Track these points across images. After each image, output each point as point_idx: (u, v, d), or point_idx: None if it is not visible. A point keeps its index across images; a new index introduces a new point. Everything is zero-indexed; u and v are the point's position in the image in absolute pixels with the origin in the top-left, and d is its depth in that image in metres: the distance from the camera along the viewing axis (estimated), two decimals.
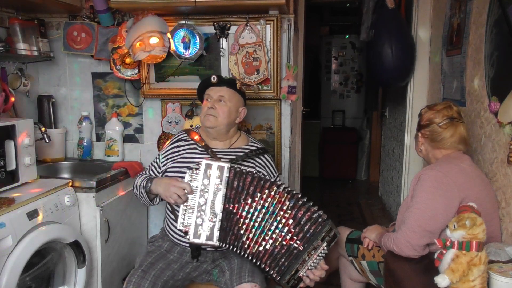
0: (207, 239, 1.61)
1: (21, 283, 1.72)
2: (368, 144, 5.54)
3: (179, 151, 1.85)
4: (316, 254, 1.61)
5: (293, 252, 1.60)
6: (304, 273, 1.62)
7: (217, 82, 1.82)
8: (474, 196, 1.58)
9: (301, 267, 1.61)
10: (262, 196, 1.60)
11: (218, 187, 1.62)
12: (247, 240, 1.61)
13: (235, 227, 1.61)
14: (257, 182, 1.61)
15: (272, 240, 1.60)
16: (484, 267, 1.31)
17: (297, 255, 1.59)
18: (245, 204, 1.61)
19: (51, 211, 1.82)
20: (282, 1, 1.97)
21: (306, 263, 1.61)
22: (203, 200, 1.62)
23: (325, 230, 1.60)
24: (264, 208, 1.60)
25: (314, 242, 1.59)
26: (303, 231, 1.59)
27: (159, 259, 1.75)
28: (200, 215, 1.62)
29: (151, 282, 1.63)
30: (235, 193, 1.62)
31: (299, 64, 2.91)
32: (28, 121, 1.93)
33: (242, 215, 1.61)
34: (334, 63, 6.33)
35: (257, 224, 1.60)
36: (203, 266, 1.79)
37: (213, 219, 1.61)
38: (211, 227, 1.61)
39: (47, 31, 2.42)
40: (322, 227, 1.59)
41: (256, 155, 1.85)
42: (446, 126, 1.71)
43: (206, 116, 1.80)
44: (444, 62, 2.48)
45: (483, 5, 1.89)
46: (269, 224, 1.60)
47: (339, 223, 3.82)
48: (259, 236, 1.60)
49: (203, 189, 1.62)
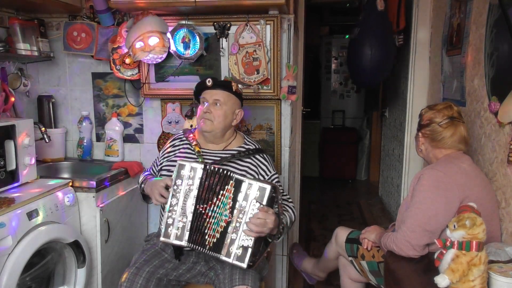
0: (176, 238, 1.61)
1: (21, 283, 1.72)
2: (368, 144, 5.53)
3: (174, 150, 1.89)
4: (246, 216, 1.54)
5: (226, 225, 1.57)
6: (244, 238, 1.54)
7: (212, 85, 1.82)
8: (474, 196, 1.58)
9: (235, 235, 1.55)
10: (223, 193, 1.59)
11: (190, 188, 1.61)
12: (208, 237, 1.60)
13: (202, 227, 1.61)
14: (222, 180, 1.60)
15: (221, 228, 1.59)
16: (484, 267, 1.31)
17: (227, 225, 1.57)
18: (211, 204, 1.60)
19: (51, 211, 1.82)
20: (282, 1, 1.97)
21: (239, 229, 1.55)
22: (175, 200, 1.62)
23: (244, 189, 1.55)
24: (222, 203, 1.59)
25: (237, 205, 1.55)
26: (230, 203, 1.57)
27: (153, 257, 1.76)
28: (171, 215, 1.62)
29: (145, 278, 1.64)
30: (206, 193, 1.61)
31: (299, 64, 2.91)
32: (28, 121, 1.93)
33: (208, 214, 1.61)
34: (334, 63, 6.33)
35: (215, 220, 1.60)
36: (197, 268, 1.79)
37: (183, 219, 1.61)
38: (181, 228, 1.61)
39: (47, 31, 2.42)
40: (238, 187, 1.55)
41: (246, 156, 1.83)
42: (447, 126, 1.71)
43: (202, 120, 1.80)
44: (444, 62, 2.49)
45: (483, 5, 1.89)
46: (221, 215, 1.59)
47: (339, 223, 3.83)
48: (215, 230, 1.59)
49: (175, 189, 1.62)
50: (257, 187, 1.54)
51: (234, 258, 1.56)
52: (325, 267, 2.37)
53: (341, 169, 5.50)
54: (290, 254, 2.61)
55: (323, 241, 2.66)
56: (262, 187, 1.54)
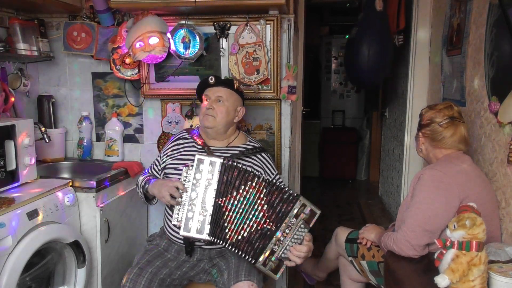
0: (197, 232, 1.64)
1: (21, 283, 1.72)
2: (368, 144, 5.53)
3: (178, 149, 1.90)
4: (292, 233, 1.59)
5: (266, 234, 1.60)
6: (283, 253, 1.60)
7: (215, 82, 1.86)
8: (474, 196, 1.58)
9: (277, 247, 1.60)
10: (245, 188, 1.62)
11: (210, 182, 1.64)
12: (228, 231, 1.62)
13: (221, 220, 1.63)
14: (242, 175, 1.63)
15: (249, 228, 1.61)
16: (484, 267, 1.31)
17: (270, 235, 1.59)
18: (230, 197, 1.63)
19: (51, 211, 1.82)
20: (282, 1, 1.97)
21: (283, 243, 1.60)
22: (195, 194, 1.65)
23: (297, 207, 1.59)
24: (246, 199, 1.62)
25: (287, 220, 1.59)
26: (276, 212, 1.60)
27: (156, 257, 1.77)
28: (191, 209, 1.65)
29: (148, 279, 1.65)
30: (224, 187, 1.64)
31: (299, 64, 2.91)
32: (28, 121, 1.93)
33: (228, 208, 1.63)
34: (334, 63, 6.32)
35: (238, 215, 1.62)
36: (201, 265, 1.80)
37: (203, 213, 1.64)
38: (201, 221, 1.64)
39: (47, 31, 2.42)
40: (293, 204, 1.59)
41: (253, 153, 1.87)
42: (447, 126, 1.71)
43: (204, 117, 1.83)
44: (444, 62, 2.48)
45: (483, 5, 1.89)
46: (248, 213, 1.62)
47: (339, 223, 3.83)
48: (239, 226, 1.62)
49: (195, 183, 1.65)
50: (309, 209, 1.59)
51: (268, 268, 1.61)
52: (325, 267, 2.37)
53: (341, 169, 5.50)
54: None
55: (323, 241, 2.66)
56: (314, 212, 1.59)
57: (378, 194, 4.76)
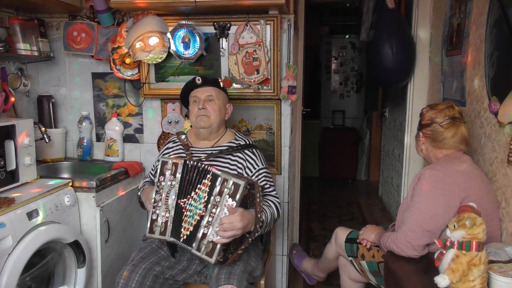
0: (160, 234, 1.65)
1: (21, 283, 1.72)
2: (368, 144, 5.53)
3: (168, 152, 1.94)
4: (220, 212, 1.55)
5: (199, 219, 1.59)
6: (214, 233, 1.55)
7: (202, 83, 1.88)
8: (474, 196, 1.58)
9: (207, 230, 1.56)
10: (200, 187, 1.62)
11: (172, 183, 1.65)
12: (183, 230, 1.63)
13: (181, 220, 1.64)
14: (201, 173, 1.63)
15: (194, 221, 1.61)
16: (484, 267, 1.31)
17: (201, 219, 1.59)
18: (190, 197, 1.64)
19: (51, 211, 1.82)
20: (282, 1, 1.97)
21: (212, 224, 1.56)
22: (159, 196, 1.67)
23: (219, 184, 1.57)
24: (198, 196, 1.62)
25: (211, 200, 1.57)
26: (205, 197, 1.59)
27: (150, 254, 1.77)
28: (155, 211, 1.66)
29: (141, 275, 1.65)
30: (185, 188, 1.65)
31: (299, 64, 2.91)
32: (28, 121, 1.93)
33: (186, 208, 1.64)
34: (334, 63, 6.33)
35: (191, 213, 1.63)
36: (192, 267, 1.80)
37: (166, 214, 1.65)
38: (164, 223, 1.65)
39: (47, 31, 2.42)
40: (214, 181, 1.58)
41: (235, 151, 1.86)
42: (448, 126, 1.71)
43: (198, 117, 1.84)
44: (444, 62, 2.48)
45: (483, 5, 1.89)
46: (196, 208, 1.62)
47: (339, 223, 3.84)
48: (190, 223, 1.62)
49: (159, 186, 1.67)
50: (231, 182, 1.55)
51: (203, 252, 1.57)
52: (325, 267, 2.36)
53: (341, 169, 5.50)
54: (290, 254, 2.61)
55: (323, 241, 2.66)
56: (237, 183, 1.54)
57: (378, 194, 4.76)
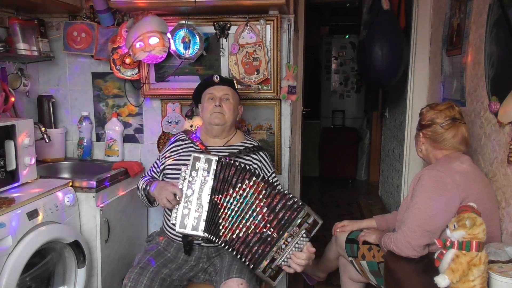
0: (192, 229, 1.64)
1: (21, 283, 1.72)
2: (368, 144, 5.53)
3: (177, 150, 1.92)
4: (294, 242, 1.59)
5: (267, 239, 1.59)
6: (283, 261, 1.60)
7: (220, 81, 1.90)
8: (474, 196, 1.58)
9: (278, 255, 1.59)
10: (242, 187, 1.63)
11: (206, 179, 1.65)
12: (222, 228, 1.63)
13: (216, 217, 1.64)
14: (239, 173, 1.64)
15: (246, 228, 1.61)
16: (484, 267, 1.31)
17: (271, 242, 1.59)
18: (227, 195, 1.64)
19: (51, 211, 1.82)
20: (282, 1, 1.97)
21: (284, 251, 1.59)
22: (191, 191, 1.66)
23: (301, 216, 1.59)
24: (242, 197, 1.62)
25: (289, 229, 1.59)
26: (278, 218, 1.60)
27: (156, 256, 1.77)
28: (186, 206, 1.66)
29: (149, 278, 1.65)
30: (220, 185, 1.65)
31: (299, 64, 2.91)
32: (28, 121, 1.93)
33: (223, 205, 1.64)
34: (334, 63, 6.32)
35: (233, 213, 1.63)
36: (199, 265, 1.81)
37: (199, 209, 1.64)
38: (197, 218, 1.64)
39: (47, 31, 2.42)
40: (297, 213, 1.59)
41: (251, 152, 1.89)
42: (448, 127, 1.70)
43: (214, 114, 1.86)
44: (444, 62, 2.48)
45: (483, 5, 1.89)
46: (244, 213, 1.62)
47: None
48: (234, 224, 1.62)
49: (191, 181, 1.66)
50: (312, 219, 1.60)
51: (268, 274, 1.60)
52: (325, 267, 2.37)
53: (341, 169, 5.50)
54: None
55: (323, 241, 2.65)
56: (317, 221, 1.60)
57: (378, 194, 4.76)
